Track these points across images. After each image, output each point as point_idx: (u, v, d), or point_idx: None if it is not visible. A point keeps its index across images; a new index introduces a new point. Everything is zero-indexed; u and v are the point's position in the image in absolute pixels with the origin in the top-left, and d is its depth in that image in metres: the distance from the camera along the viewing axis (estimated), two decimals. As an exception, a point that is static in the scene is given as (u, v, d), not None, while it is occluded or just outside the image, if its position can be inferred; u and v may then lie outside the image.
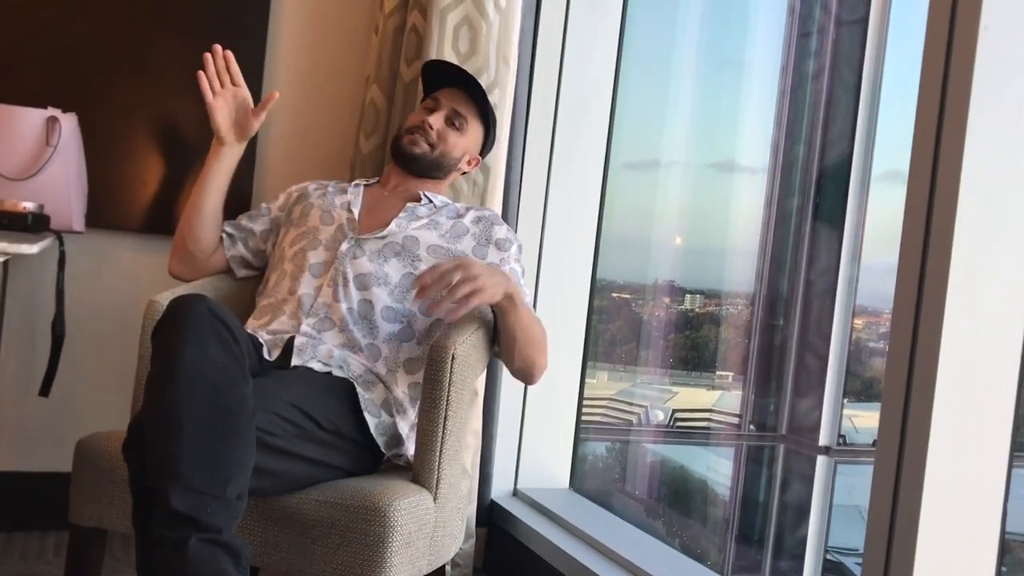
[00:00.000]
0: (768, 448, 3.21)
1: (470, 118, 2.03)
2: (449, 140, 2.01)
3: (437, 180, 2.05)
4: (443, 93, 2.04)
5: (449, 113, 2.01)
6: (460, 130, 2.02)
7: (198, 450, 1.32)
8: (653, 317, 3.70)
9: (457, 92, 2.04)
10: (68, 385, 2.35)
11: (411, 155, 1.99)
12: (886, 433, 1.35)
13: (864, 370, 3.04)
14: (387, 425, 1.74)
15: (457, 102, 2.03)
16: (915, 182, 1.33)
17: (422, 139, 1.99)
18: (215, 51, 1.95)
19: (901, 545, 1.31)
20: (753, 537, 3.16)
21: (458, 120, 2.02)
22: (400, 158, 2.01)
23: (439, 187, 2.06)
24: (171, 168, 2.46)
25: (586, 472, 2.97)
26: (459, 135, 2.02)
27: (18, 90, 2.24)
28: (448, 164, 2.03)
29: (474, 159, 2.09)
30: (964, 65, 1.27)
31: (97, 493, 1.62)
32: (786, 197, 3.17)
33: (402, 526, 1.52)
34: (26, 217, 1.99)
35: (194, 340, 1.39)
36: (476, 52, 2.21)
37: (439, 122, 2.00)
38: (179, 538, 1.27)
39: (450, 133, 2.01)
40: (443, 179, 2.06)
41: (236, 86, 1.98)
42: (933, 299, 1.30)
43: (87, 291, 2.42)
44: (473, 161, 2.08)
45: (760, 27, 3.56)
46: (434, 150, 2.00)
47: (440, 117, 2.00)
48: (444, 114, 2.01)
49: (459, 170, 2.07)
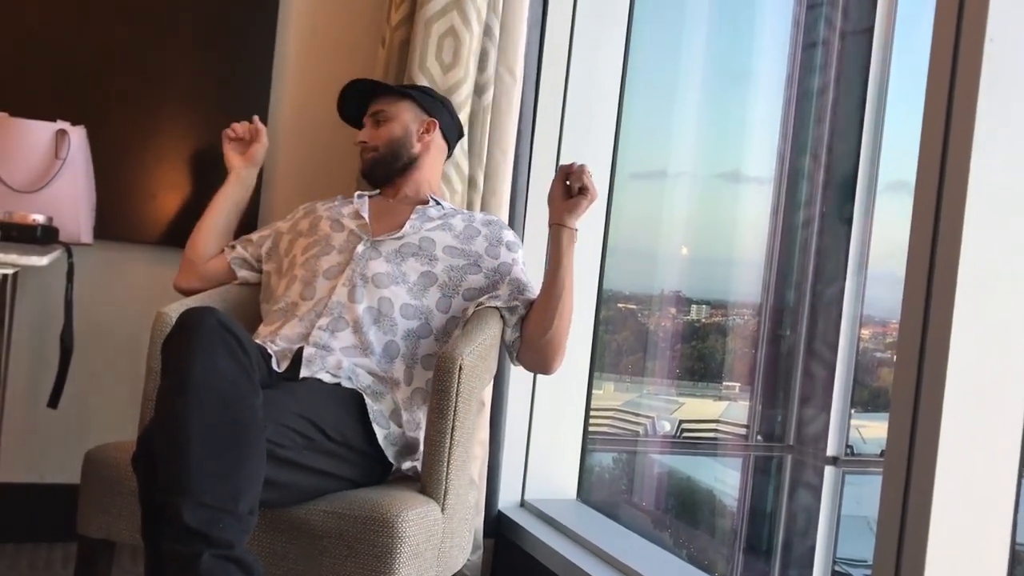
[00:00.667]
0: (775, 459, 3.20)
1: (388, 105, 2.08)
2: (383, 134, 2.07)
3: (416, 167, 2.07)
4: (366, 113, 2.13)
5: (370, 120, 2.10)
6: (387, 120, 2.07)
7: (209, 465, 1.33)
8: (659, 327, 3.70)
9: (373, 102, 2.12)
10: (77, 397, 2.36)
11: (369, 170, 2.08)
12: (895, 443, 1.35)
13: (871, 380, 3.04)
14: (396, 436, 1.74)
15: (372, 107, 2.11)
16: (922, 192, 1.34)
17: (366, 154, 2.08)
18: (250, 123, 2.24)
19: (911, 556, 1.31)
20: (761, 548, 3.15)
21: (377, 115, 2.09)
22: (372, 180, 2.09)
23: (424, 176, 2.08)
24: (179, 180, 2.47)
25: (593, 483, 2.96)
26: (388, 123, 2.07)
27: (27, 104, 2.25)
28: (400, 146, 2.06)
29: (427, 123, 2.09)
30: (970, 76, 1.27)
31: (105, 505, 1.63)
32: (792, 207, 3.17)
33: (410, 537, 1.52)
34: (35, 229, 2.00)
35: (204, 352, 1.40)
36: (458, 63, 2.21)
37: (366, 133, 2.10)
38: (191, 553, 1.27)
39: (379, 130, 2.08)
40: (417, 161, 2.08)
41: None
42: (941, 308, 1.30)
43: (96, 303, 2.42)
44: (430, 126, 2.09)
45: (766, 38, 3.57)
46: (379, 150, 2.06)
47: (366, 130, 2.10)
48: (368, 125, 2.10)
49: (422, 142, 2.08)
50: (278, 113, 2.57)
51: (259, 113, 2.49)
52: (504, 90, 2.26)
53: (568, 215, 1.85)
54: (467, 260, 1.92)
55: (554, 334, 1.86)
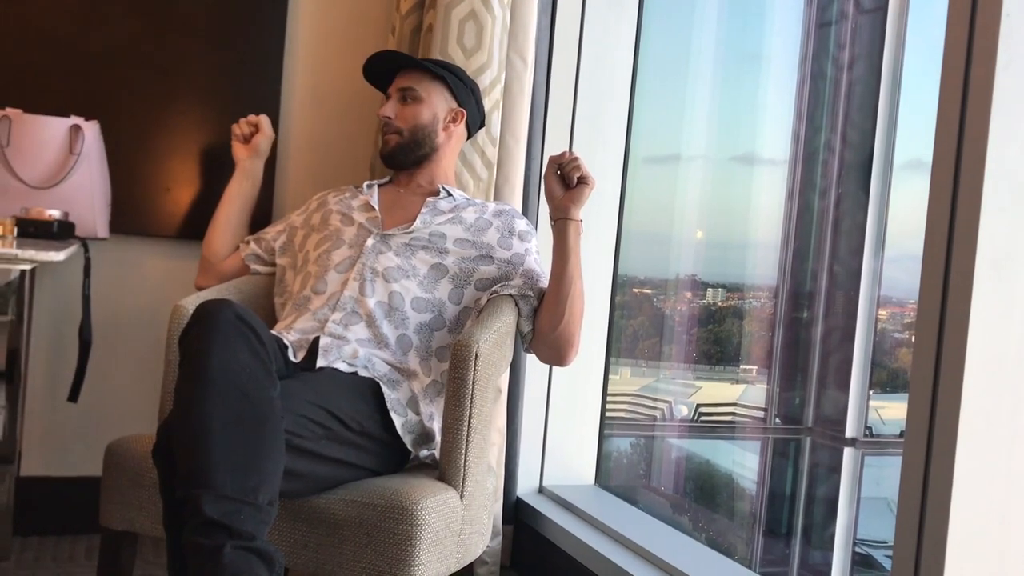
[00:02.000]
0: (794, 441, 3.19)
1: (420, 84, 2.02)
2: (409, 115, 2.01)
3: (435, 158, 2.03)
4: (393, 82, 2.06)
5: (398, 95, 2.03)
6: (416, 100, 2.01)
7: (229, 457, 1.33)
8: (675, 312, 3.69)
9: (403, 71, 2.05)
10: (96, 390, 2.38)
11: (389, 153, 2.02)
12: (914, 424, 1.34)
13: (890, 361, 3.02)
14: (414, 424, 1.75)
15: (400, 80, 2.04)
16: (939, 171, 1.32)
17: (388, 132, 2.02)
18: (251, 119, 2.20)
19: (932, 536, 1.30)
20: (781, 530, 3.15)
21: (407, 93, 2.02)
22: (386, 161, 2.05)
23: (440, 166, 2.04)
24: (193, 173, 2.47)
25: (611, 468, 2.97)
26: (417, 104, 2.01)
27: (41, 100, 2.26)
28: (425, 135, 2.01)
29: (455, 113, 2.04)
30: (987, 52, 1.26)
31: (127, 497, 1.64)
32: (808, 189, 3.15)
33: (430, 524, 1.53)
34: (52, 225, 2.02)
35: (221, 344, 1.40)
36: (481, 47, 2.20)
37: (392, 108, 2.02)
38: (213, 546, 1.28)
39: (406, 109, 2.01)
40: (438, 151, 2.03)
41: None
42: (959, 288, 1.29)
43: (113, 297, 2.44)
44: (458, 116, 2.04)
45: (778, 18, 3.54)
46: (403, 135, 2.01)
47: (391, 104, 2.03)
48: (395, 98, 2.03)
49: (447, 132, 2.03)
50: (290, 104, 2.57)
51: (271, 104, 2.50)
52: (515, 75, 2.25)
53: (573, 207, 1.81)
54: (479, 252, 1.90)
55: (565, 328, 1.83)
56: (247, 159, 2.18)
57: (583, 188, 1.80)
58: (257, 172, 2.21)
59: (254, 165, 2.20)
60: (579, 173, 1.79)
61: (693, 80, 3.57)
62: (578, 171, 1.79)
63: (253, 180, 2.20)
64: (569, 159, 1.80)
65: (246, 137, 2.19)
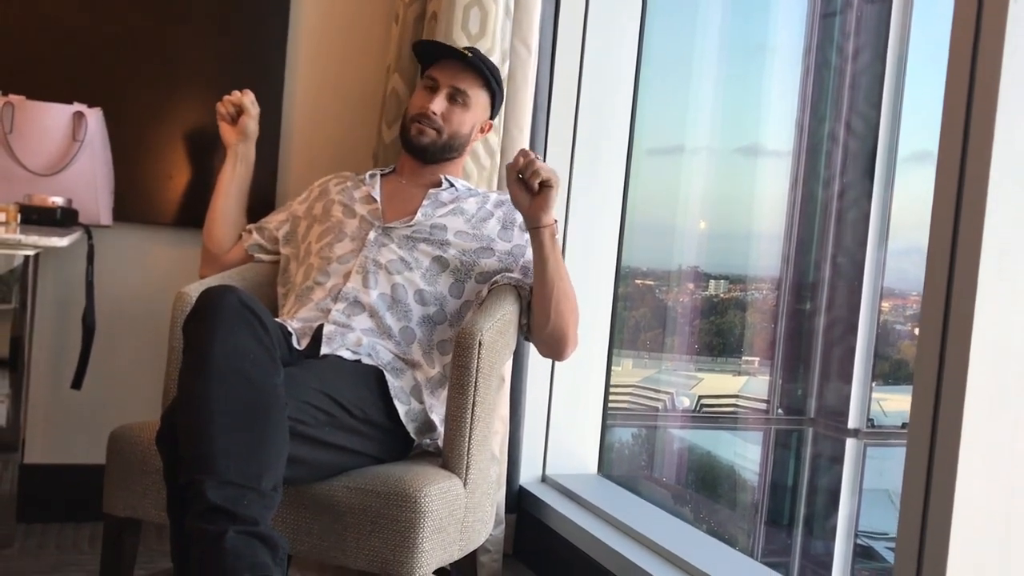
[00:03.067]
0: (796, 432, 3.19)
1: (472, 90, 1.98)
2: (455, 119, 1.97)
3: (453, 160, 2.03)
4: (440, 69, 1.98)
5: (450, 91, 1.97)
6: (465, 105, 1.97)
7: (232, 443, 1.33)
8: (678, 303, 3.69)
9: (453, 65, 1.98)
10: (100, 377, 2.38)
11: (420, 146, 1.97)
12: (918, 416, 1.34)
13: (892, 352, 3.02)
14: (417, 412, 1.75)
15: (455, 77, 1.97)
16: (944, 162, 1.32)
17: (428, 126, 1.96)
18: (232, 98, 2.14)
19: (935, 529, 1.30)
20: (782, 521, 3.15)
21: (460, 96, 1.97)
22: (410, 149, 2.00)
23: (456, 166, 2.05)
24: (196, 161, 2.47)
25: (614, 459, 2.97)
26: (464, 110, 1.97)
27: (44, 87, 2.26)
28: (459, 143, 2.00)
29: (486, 125, 2.06)
30: (994, 39, 1.25)
31: (130, 484, 1.64)
32: (812, 179, 3.14)
33: (433, 512, 1.53)
34: (55, 211, 2.02)
35: (225, 331, 1.40)
36: (485, 34, 2.18)
37: (441, 105, 1.95)
38: (217, 531, 1.28)
39: (455, 112, 1.97)
40: (459, 158, 2.04)
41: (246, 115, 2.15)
42: (964, 279, 1.28)
43: (116, 284, 2.44)
44: (486, 127, 2.06)
45: (782, 8, 3.53)
46: (441, 135, 1.96)
47: (441, 99, 1.96)
48: (445, 93, 1.97)
49: (473, 140, 2.05)
50: (293, 92, 2.56)
51: (274, 93, 2.50)
52: (519, 63, 2.24)
53: (542, 214, 1.74)
54: (479, 244, 1.89)
55: (554, 328, 1.80)
56: (237, 142, 2.13)
57: (548, 192, 1.72)
58: (249, 155, 2.16)
59: (246, 148, 2.15)
60: (539, 178, 1.71)
61: (697, 71, 3.56)
62: (538, 176, 1.71)
63: (246, 163, 2.15)
64: (525, 163, 1.71)
65: (232, 117, 2.13)
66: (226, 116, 2.13)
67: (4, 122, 2.09)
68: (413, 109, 2.00)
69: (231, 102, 2.12)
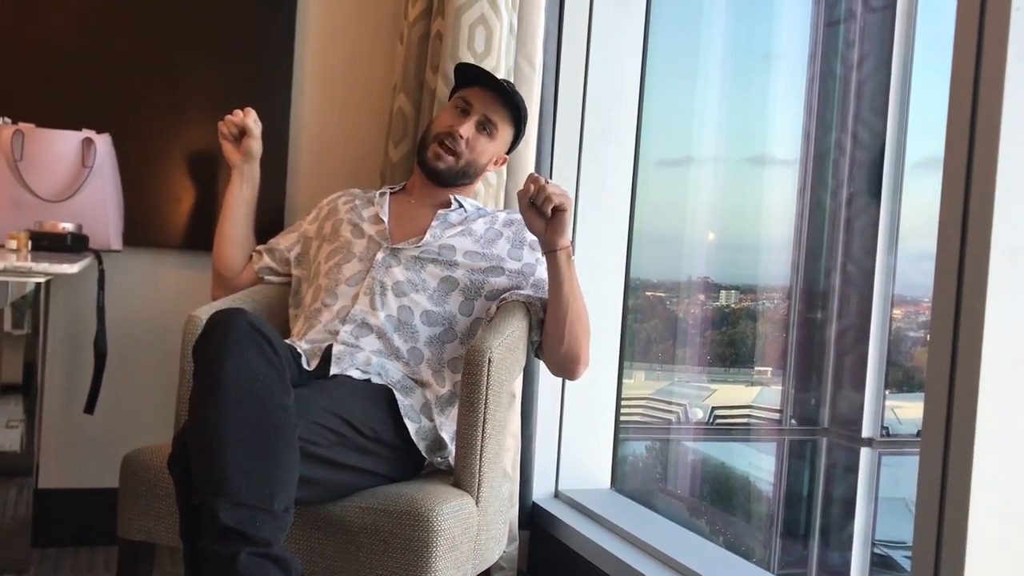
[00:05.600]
0: (810, 442, 3.17)
1: (501, 123, 2.01)
2: (478, 148, 1.99)
3: (465, 187, 2.05)
4: (475, 94, 2.00)
5: (480, 119, 1.98)
6: (491, 136, 1.99)
7: (244, 464, 1.34)
8: (688, 314, 3.68)
9: (488, 95, 2.00)
10: (112, 401, 2.38)
11: (435, 170, 1.98)
12: (931, 423, 1.33)
13: (905, 360, 3.00)
14: (427, 430, 1.75)
15: (489, 107, 1.99)
16: (951, 168, 1.31)
17: (448, 151, 1.97)
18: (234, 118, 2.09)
19: (951, 537, 1.29)
20: (799, 532, 3.13)
21: (489, 127, 1.99)
22: (425, 170, 2.01)
23: (467, 191, 2.06)
24: (204, 184, 2.48)
25: (627, 472, 2.96)
26: (489, 141, 2.00)
27: (53, 113, 2.27)
28: (474, 172, 2.03)
29: (501, 159, 2.08)
30: (997, 45, 1.25)
31: (144, 507, 1.65)
32: (819, 188, 3.14)
33: (446, 531, 1.52)
34: (65, 238, 2.03)
35: (235, 353, 1.41)
36: (491, 52, 2.19)
37: (470, 130, 1.97)
38: (229, 553, 1.28)
39: (480, 140, 1.99)
40: (470, 184, 2.06)
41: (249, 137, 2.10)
42: (974, 284, 1.28)
43: (127, 308, 2.45)
44: (500, 161, 2.08)
45: (786, 17, 3.53)
46: (459, 160, 1.97)
47: (471, 125, 1.97)
48: (476, 120, 1.98)
49: (487, 171, 2.07)
50: (300, 113, 2.58)
51: (281, 113, 2.51)
52: (524, 80, 2.25)
53: (558, 237, 1.75)
54: (488, 264, 1.89)
55: (568, 349, 1.81)
56: (242, 163, 2.10)
57: (561, 216, 1.73)
58: (255, 174, 2.13)
59: (251, 168, 2.12)
60: (551, 204, 1.72)
61: (702, 81, 3.56)
62: (550, 202, 1.72)
63: (252, 183, 2.13)
64: (537, 190, 1.72)
65: (235, 136, 2.10)
66: (228, 136, 2.10)
67: (14, 150, 2.10)
68: (440, 126, 2.00)
69: (233, 122, 2.08)
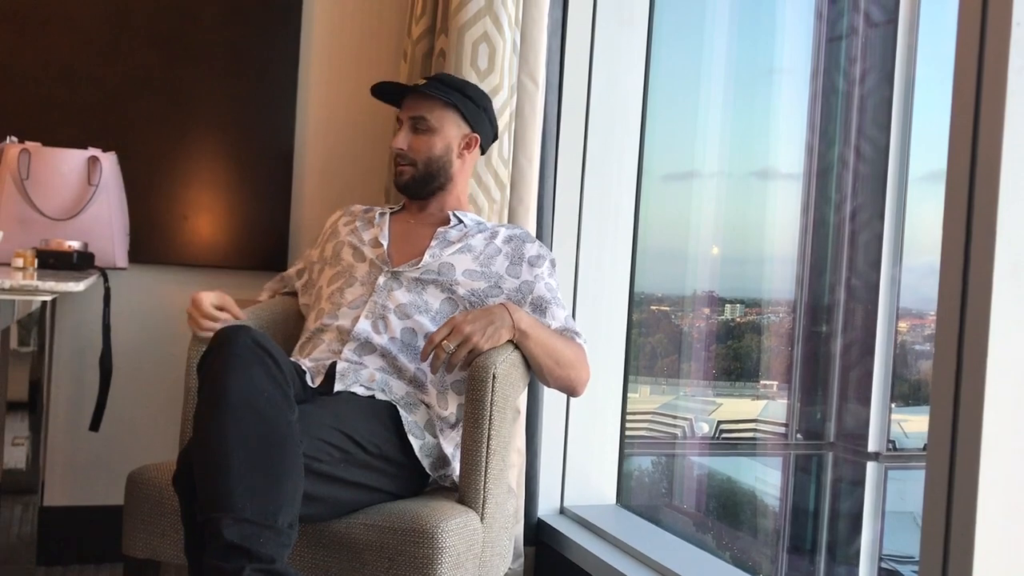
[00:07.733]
0: (816, 456, 3.16)
1: (432, 113, 1.97)
2: (423, 147, 1.97)
3: (450, 187, 2.01)
4: (403, 107, 2.01)
5: (410, 124, 1.98)
6: (429, 131, 1.97)
7: (248, 481, 1.34)
8: (693, 328, 3.68)
9: (412, 98, 2.00)
10: (117, 419, 2.39)
11: (403, 185, 1.99)
12: (936, 437, 1.32)
13: (911, 373, 3.00)
14: (432, 446, 1.74)
15: (414, 108, 1.98)
16: (954, 181, 1.32)
17: (403, 164, 1.98)
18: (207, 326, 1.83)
19: (958, 551, 1.29)
20: (805, 547, 3.12)
21: (420, 123, 1.97)
22: (404, 193, 2.03)
23: (452, 195, 2.02)
24: (209, 202, 2.49)
25: (632, 487, 2.95)
26: (429, 135, 1.97)
27: (59, 132, 2.29)
28: (440, 166, 1.99)
29: (468, 139, 2.01)
30: (998, 60, 1.26)
31: (149, 525, 1.65)
32: (823, 202, 3.14)
33: (451, 547, 1.52)
34: (71, 256, 2.04)
35: (239, 370, 1.41)
36: (494, 69, 2.20)
37: (405, 140, 1.97)
38: (233, 569, 1.28)
39: (419, 140, 1.97)
40: (453, 180, 2.01)
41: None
42: (978, 297, 1.27)
43: (133, 326, 2.46)
44: (471, 142, 2.01)
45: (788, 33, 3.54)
46: (417, 167, 1.97)
47: (403, 135, 1.98)
48: (406, 128, 1.99)
49: (461, 159, 2.01)
50: (304, 132, 2.59)
51: (285, 132, 2.53)
52: (527, 97, 2.26)
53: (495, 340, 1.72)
54: (488, 282, 1.89)
55: (559, 384, 1.86)
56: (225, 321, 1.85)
57: (476, 349, 1.69)
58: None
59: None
60: (460, 358, 1.69)
61: (706, 96, 3.57)
62: (458, 356, 1.69)
63: None
64: (435, 356, 1.71)
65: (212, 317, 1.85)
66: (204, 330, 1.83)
67: (21, 169, 2.12)
68: (391, 155, 2.04)
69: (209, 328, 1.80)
